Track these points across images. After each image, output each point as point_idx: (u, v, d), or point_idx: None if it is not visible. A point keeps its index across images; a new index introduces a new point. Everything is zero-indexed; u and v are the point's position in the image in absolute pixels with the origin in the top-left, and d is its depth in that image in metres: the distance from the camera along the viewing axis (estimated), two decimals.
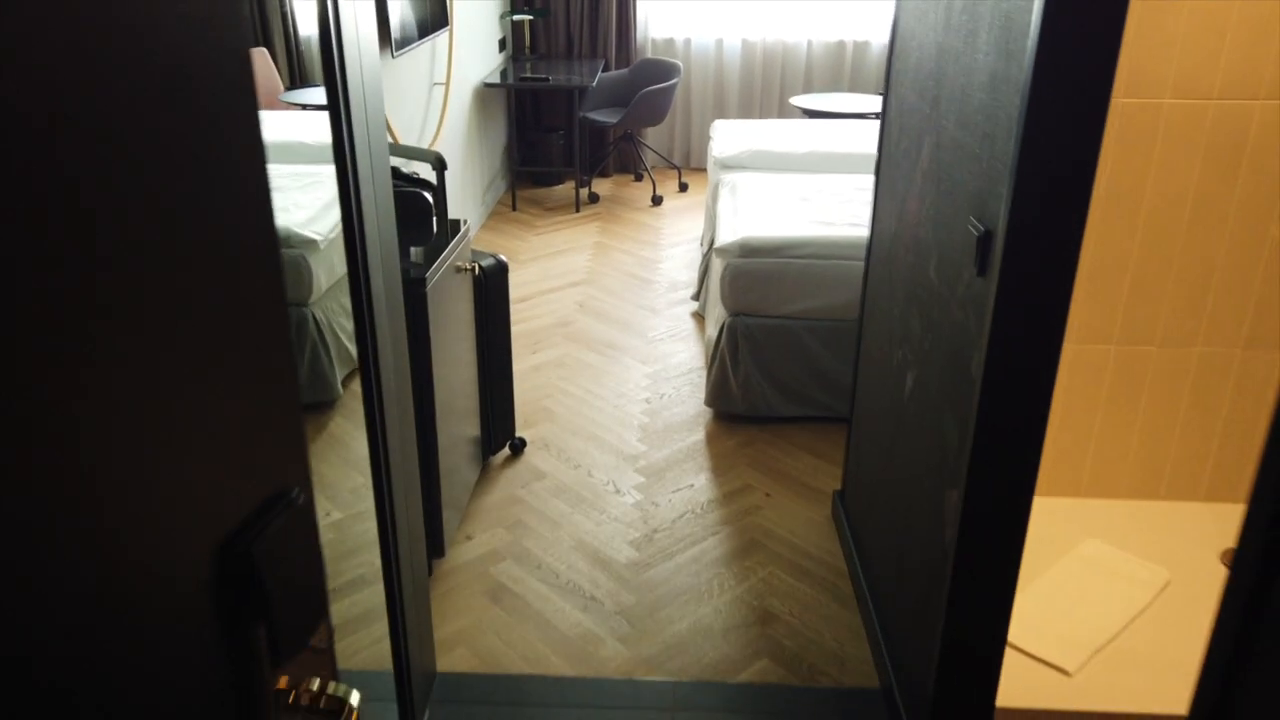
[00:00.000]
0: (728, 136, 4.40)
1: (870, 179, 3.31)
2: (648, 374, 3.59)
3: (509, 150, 5.46)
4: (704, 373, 3.49)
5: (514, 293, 4.27)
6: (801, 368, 3.13)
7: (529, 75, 5.29)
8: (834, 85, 6.20)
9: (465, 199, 4.86)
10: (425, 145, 4.03)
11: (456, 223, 2.58)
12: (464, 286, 2.61)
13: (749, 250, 3.08)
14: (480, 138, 5.23)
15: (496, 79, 5.26)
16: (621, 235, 5.13)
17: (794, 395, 3.17)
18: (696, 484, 2.91)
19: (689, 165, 6.46)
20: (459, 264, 2.54)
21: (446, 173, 2.78)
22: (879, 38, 6.07)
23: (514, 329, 3.85)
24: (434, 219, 2.35)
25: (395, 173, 2.04)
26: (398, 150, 2.75)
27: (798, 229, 3.17)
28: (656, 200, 5.69)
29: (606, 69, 6.02)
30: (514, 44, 6.04)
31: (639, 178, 6.20)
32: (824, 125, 4.66)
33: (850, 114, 5.22)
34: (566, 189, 5.94)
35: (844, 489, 2.68)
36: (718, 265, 3.21)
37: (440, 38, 4.19)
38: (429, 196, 2.31)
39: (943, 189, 1.78)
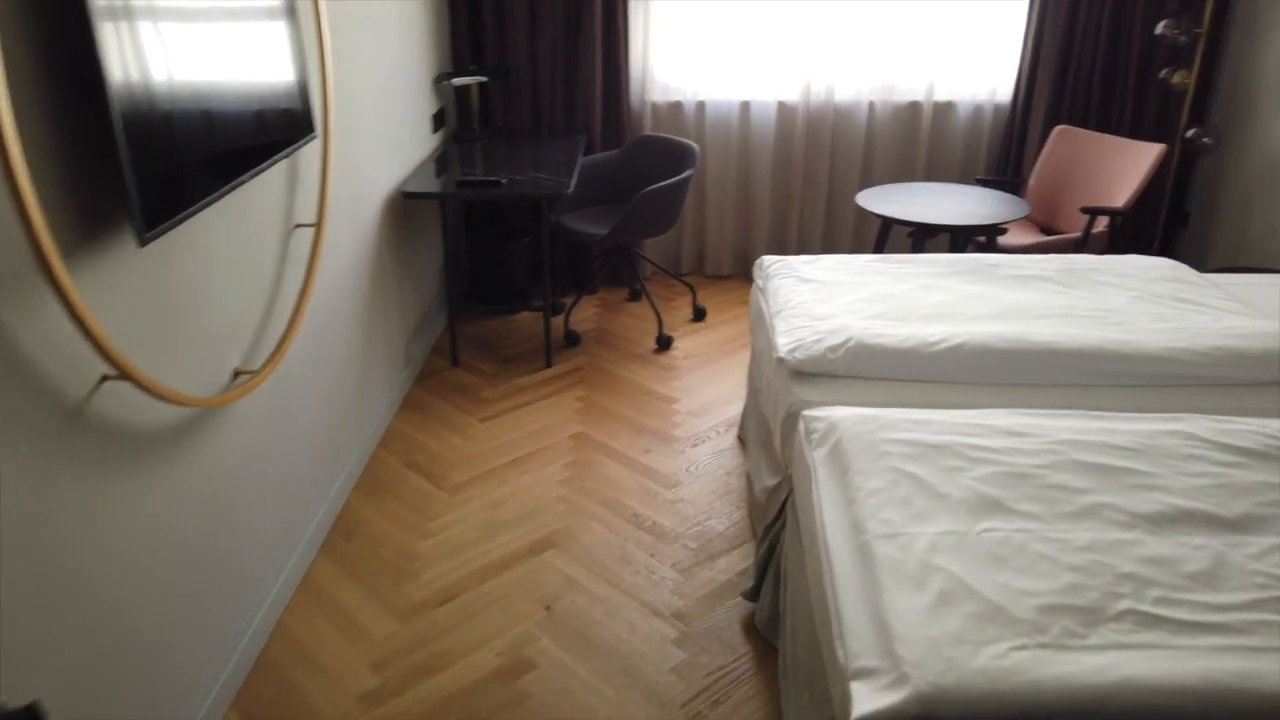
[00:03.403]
0: (792, 299, 2.66)
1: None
2: None
3: (448, 274, 3.70)
4: None
5: (434, 578, 2.54)
6: None
7: (473, 178, 3.54)
8: (904, 169, 4.48)
9: (367, 388, 3.12)
10: (262, 355, 2.29)
11: None
12: None
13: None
14: (399, 267, 3.48)
15: (424, 184, 3.51)
16: (613, 417, 3.38)
17: None
18: None
19: (703, 271, 4.72)
20: None
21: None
22: (970, 93, 4.35)
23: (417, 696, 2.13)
24: None
25: None
26: None
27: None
28: (663, 342, 3.95)
29: (590, 150, 4.28)
30: (459, 116, 4.30)
31: (635, 295, 4.46)
32: (929, 265, 2.93)
33: (972, 227, 3.49)
34: (532, 321, 4.19)
35: None
36: None
37: (308, 150, 2.46)
38: None
39: None
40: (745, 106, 4.39)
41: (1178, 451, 1.89)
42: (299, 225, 2.51)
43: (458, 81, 3.95)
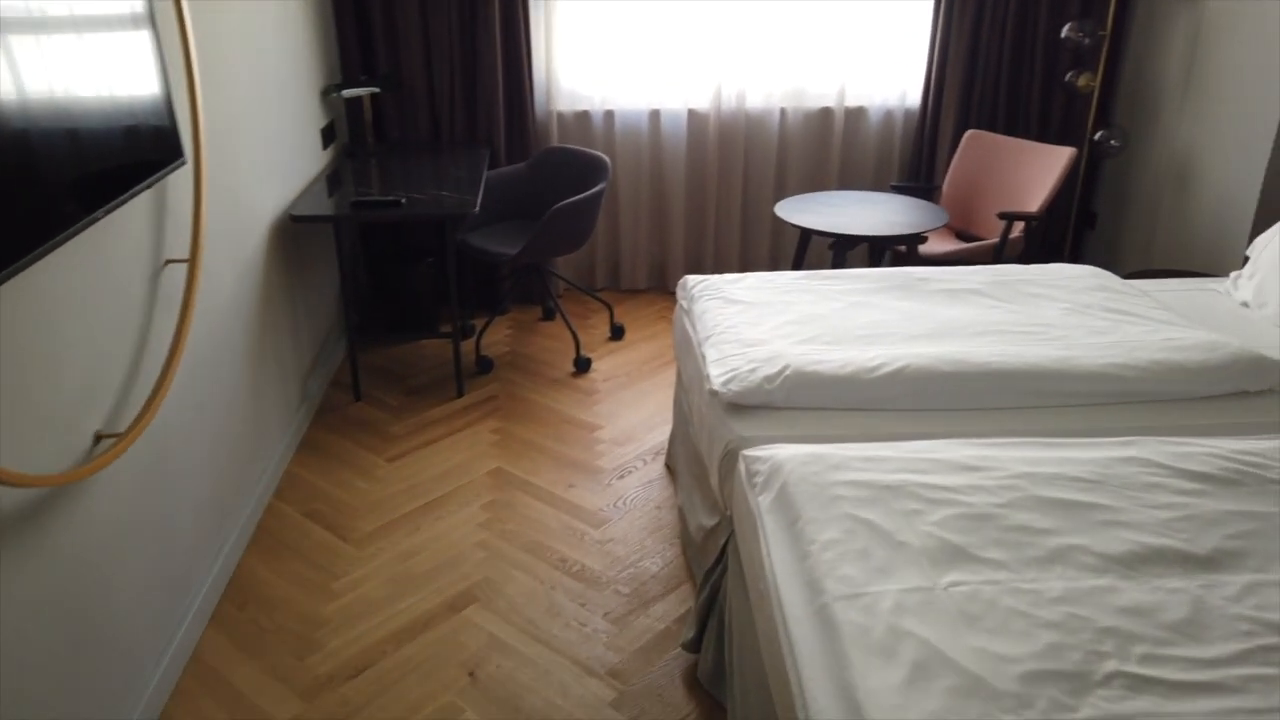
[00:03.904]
0: (720, 323, 2.50)
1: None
2: None
3: (345, 301, 3.43)
4: None
5: (341, 646, 2.29)
6: None
7: (370, 197, 3.28)
8: (818, 176, 4.39)
9: (259, 432, 2.83)
10: (130, 413, 2.00)
11: None
12: None
13: None
14: (290, 297, 3.20)
15: (315, 206, 3.23)
16: (533, 449, 3.17)
17: None
18: None
19: (619, 286, 4.55)
20: None
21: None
22: (881, 98, 4.29)
23: None
24: None
25: None
26: None
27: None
28: (582, 364, 3.75)
29: (495, 163, 4.05)
30: (350, 130, 4.02)
31: (549, 314, 4.25)
32: (857, 283, 2.82)
33: (893, 237, 3.40)
34: (441, 347, 3.93)
35: None
36: None
37: (178, 176, 2.18)
38: None
39: None
40: (655, 115, 4.23)
41: (1137, 480, 1.79)
42: (170, 261, 2.23)
43: (348, 93, 3.68)
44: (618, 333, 4.05)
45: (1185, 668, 1.36)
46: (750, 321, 2.49)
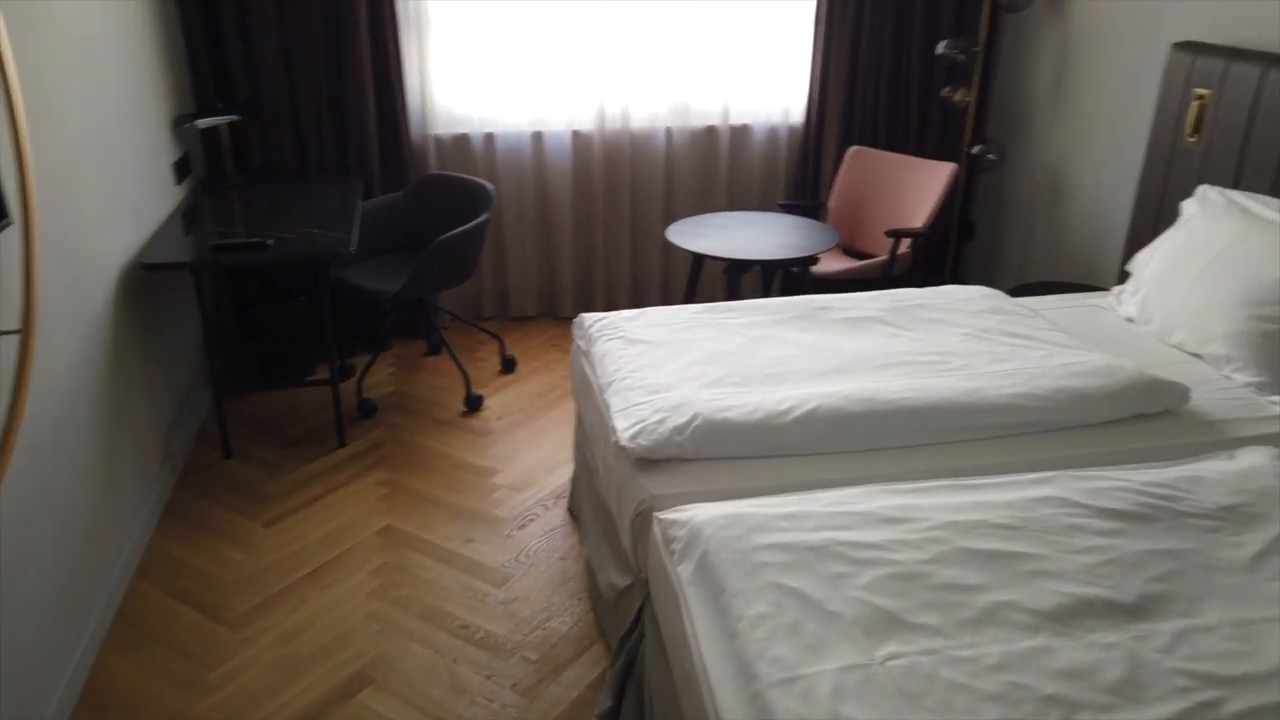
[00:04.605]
0: (622, 367, 2.38)
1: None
2: None
3: (209, 349, 3.15)
4: None
5: None
6: None
7: (233, 240, 3.01)
8: (706, 196, 4.33)
9: (114, 505, 2.54)
10: None
11: None
12: None
13: None
14: (145, 352, 2.91)
15: (170, 251, 2.95)
16: (425, 501, 2.97)
17: None
18: None
19: (507, 314, 4.37)
20: None
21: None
22: (765, 115, 4.26)
23: None
24: None
25: None
26: None
27: None
28: (472, 403, 3.56)
29: (370, 193, 3.82)
30: (208, 162, 3.71)
31: (434, 348, 4.04)
32: (752, 314, 2.75)
33: (787, 260, 3.35)
34: (319, 393, 3.67)
35: None
36: None
37: (2, 239, 1.91)
38: None
39: None
40: (538, 137, 4.08)
41: (1057, 524, 1.76)
42: (5, 333, 1.95)
43: (203, 123, 3.39)
44: (509, 365, 3.88)
45: None
46: (653, 364, 2.38)
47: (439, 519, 2.89)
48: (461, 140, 4.03)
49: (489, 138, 4.04)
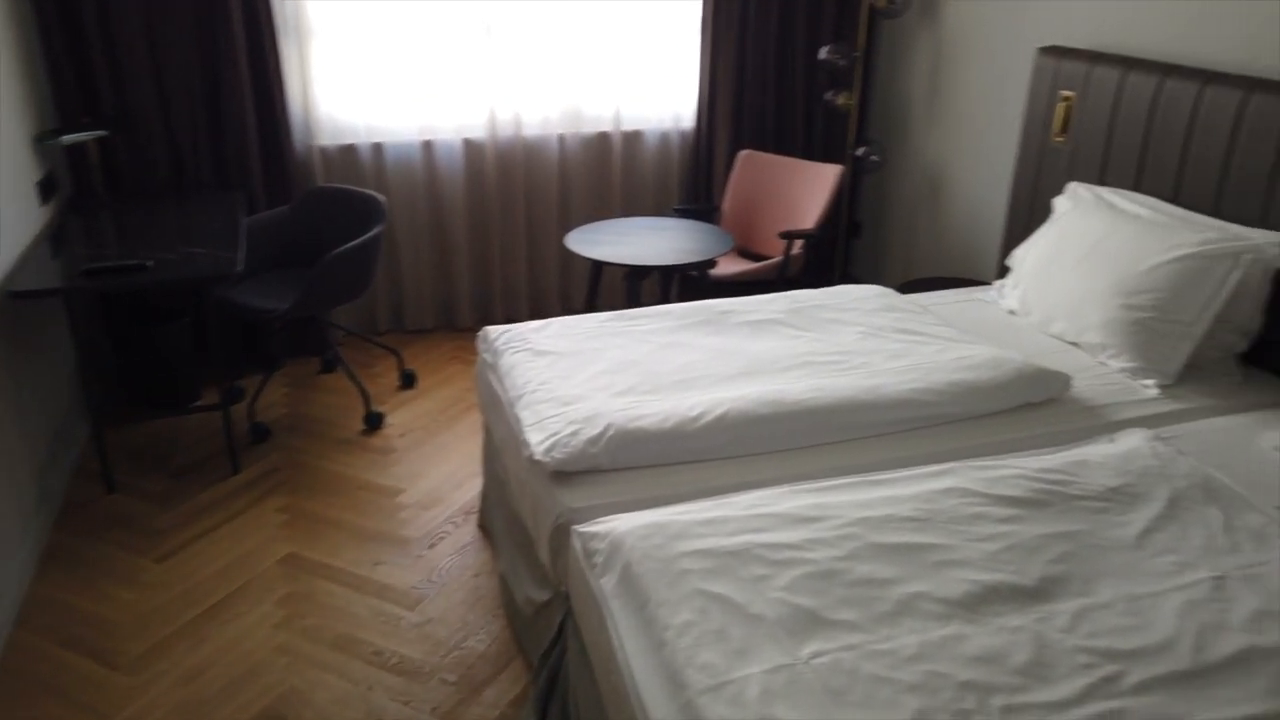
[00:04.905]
0: (531, 379, 2.35)
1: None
2: None
3: (84, 378, 2.97)
4: None
5: None
6: None
7: (107, 263, 2.85)
8: (601, 201, 4.34)
9: None
10: None
11: None
12: None
13: None
14: (14, 384, 2.73)
15: (38, 277, 2.77)
16: (329, 526, 2.88)
17: None
18: None
19: (403, 327, 4.28)
20: None
21: None
22: (656, 120, 4.29)
23: None
24: None
25: None
26: None
27: None
28: (373, 421, 3.47)
29: (253, 208, 3.68)
30: (75, 180, 3.50)
31: (329, 366, 3.92)
32: (655, 321, 2.78)
33: (685, 265, 3.38)
34: (208, 419, 3.50)
35: None
36: None
37: None
38: None
39: None
40: (428, 146, 4.01)
41: (960, 513, 1.84)
42: None
43: (68, 139, 3.19)
44: (408, 380, 3.80)
45: (1042, 714, 1.38)
46: (562, 375, 2.37)
47: (344, 543, 2.80)
48: (348, 151, 3.92)
49: (377, 148, 3.94)
